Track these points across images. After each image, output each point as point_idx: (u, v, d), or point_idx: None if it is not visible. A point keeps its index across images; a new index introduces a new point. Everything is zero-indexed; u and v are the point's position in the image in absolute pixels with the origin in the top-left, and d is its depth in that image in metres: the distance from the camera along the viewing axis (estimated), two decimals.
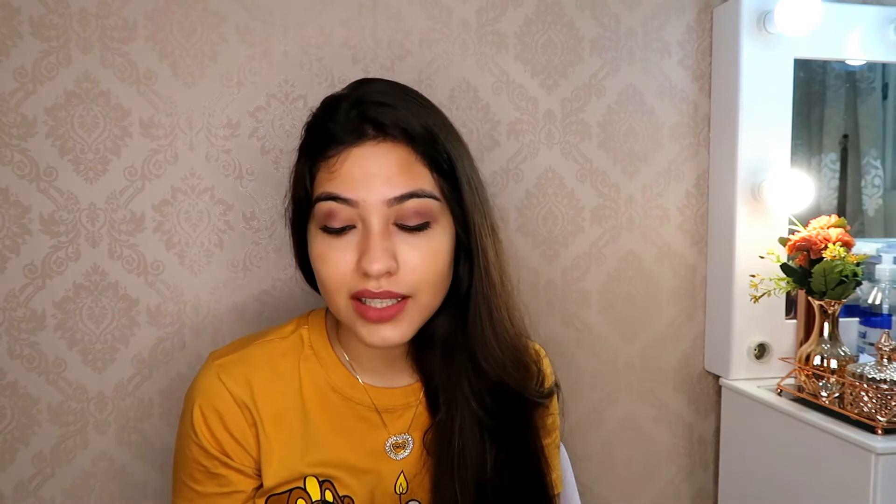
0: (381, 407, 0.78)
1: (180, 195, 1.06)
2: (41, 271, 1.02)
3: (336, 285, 0.70)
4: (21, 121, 1.00)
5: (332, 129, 0.71)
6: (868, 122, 1.37)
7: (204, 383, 0.75)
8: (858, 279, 1.04)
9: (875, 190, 1.37)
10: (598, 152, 1.21)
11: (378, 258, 0.67)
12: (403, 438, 0.78)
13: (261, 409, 0.74)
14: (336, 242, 0.69)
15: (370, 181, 0.68)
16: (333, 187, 0.69)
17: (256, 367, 0.76)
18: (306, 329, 0.80)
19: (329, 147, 0.70)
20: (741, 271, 1.17)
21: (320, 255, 0.71)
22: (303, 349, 0.79)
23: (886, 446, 0.91)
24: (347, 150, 0.69)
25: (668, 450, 1.28)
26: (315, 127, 0.74)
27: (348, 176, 0.68)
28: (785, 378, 1.13)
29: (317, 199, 0.71)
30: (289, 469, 0.74)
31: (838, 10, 1.18)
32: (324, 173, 0.71)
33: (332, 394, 0.77)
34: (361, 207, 0.68)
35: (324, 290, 0.72)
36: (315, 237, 0.72)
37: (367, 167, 0.68)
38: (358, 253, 0.68)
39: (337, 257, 0.69)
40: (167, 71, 1.04)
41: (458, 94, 1.14)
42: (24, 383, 1.03)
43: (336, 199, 0.68)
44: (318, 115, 0.75)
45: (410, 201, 0.69)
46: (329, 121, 0.72)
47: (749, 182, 1.17)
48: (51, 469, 1.04)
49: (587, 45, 1.19)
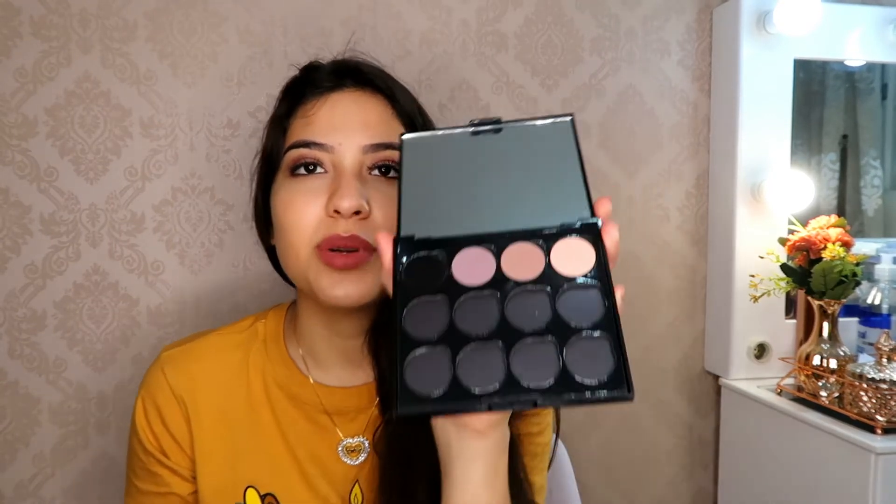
0: (332, 408, 0.70)
1: (180, 195, 1.06)
2: (42, 271, 1.02)
3: (300, 234, 0.64)
4: (21, 121, 1.00)
5: (312, 78, 0.69)
6: (867, 122, 1.37)
7: (148, 376, 0.72)
8: (858, 279, 1.04)
9: (874, 190, 1.37)
10: (598, 152, 1.21)
11: (350, 195, 0.62)
12: (358, 441, 0.70)
13: (200, 405, 0.69)
14: (303, 186, 0.65)
15: (347, 126, 0.65)
16: (307, 133, 0.65)
17: (202, 360, 0.71)
18: (263, 323, 0.75)
19: (306, 94, 0.68)
20: (741, 271, 1.18)
21: (285, 203, 0.65)
22: (255, 342, 0.73)
23: (886, 446, 0.92)
24: (326, 95, 0.67)
25: (668, 450, 1.28)
26: (293, 84, 0.72)
27: (324, 121, 0.65)
28: (785, 378, 1.14)
29: (289, 147, 0.66)
30: (227, 474, 0.68)
31: (838, 10, 1.18)
32: (299, 121, 0.67)
33: (279, 392, 0.71)
34: (336, 153, 0.64)
35: (285, 245, 0.66)
36: (281, 187, 0.67)
37: (344, 112, 0.66)
38: (327, 196, 0.64)
39: (303, 201, 0.64)
40: (167, 71, 1.04)
41: (458, 94, 1.14)
42: (24, 383, 1.03)
43: (309, 144, 0.65)
44: (298, 75, 0.73)
45: (386, 151, 0.65)
46: (309, 73, 0.70)
47: (749, 182, 1.17)
48: (51, 469, 1.04)
49: (587, 45, 1.19)
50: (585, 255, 0.44)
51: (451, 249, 0.45)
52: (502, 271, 0.44)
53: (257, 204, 0.73)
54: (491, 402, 0.39)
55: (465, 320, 0.43)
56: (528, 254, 0.44)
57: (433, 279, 0.44)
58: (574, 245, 0.44)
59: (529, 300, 0.42)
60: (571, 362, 0.39)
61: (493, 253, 0.44)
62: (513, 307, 0.42)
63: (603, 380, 0.39)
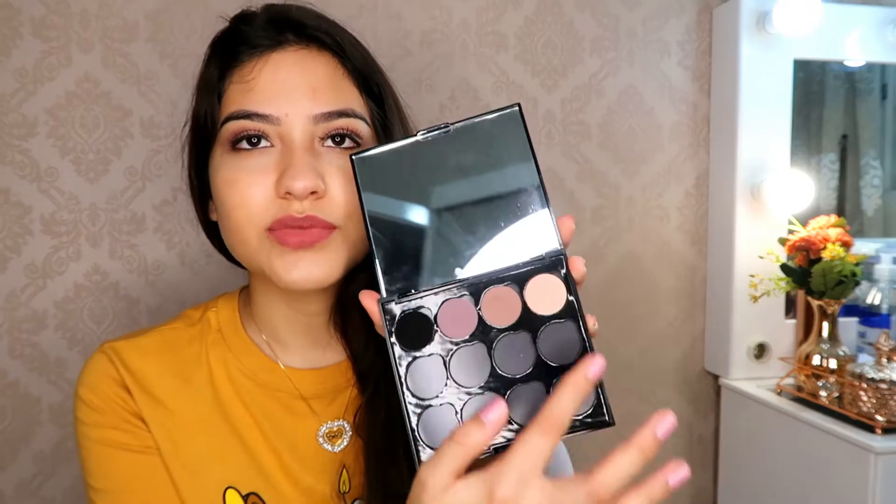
0: (308, 393, 0.65)
1: (181, 195, 1.06)
2: (42, 271, 1.02)
3: (247, 216, 0.57)
4: (22, 121, 1.00)
5: (246, 33, 0.60)
6: (867, 122, 1.37)
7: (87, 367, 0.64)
8: (857, 279, 1.04)
9: (874, 190, 1.37)
10: (598, 152, 1.21)
11: (303, 174, 0.55)
12: (338, 425, 0.65)
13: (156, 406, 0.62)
14: (248, 163, 0.57)
15: (292, 93, 0.57)
16: (248, 102, 0.57)
17: (153, 355, 0.64)
18: (214, 312, 0.68)
19: (241, 54, 0.59)
20: (741, 271, 1.18)
21: (228, 181, 0.58)
22: (210, 334, 0.66)
23: (885, 446, 0.92)
24: (265, 56, 0.59)
25: (668, 450, 1.28)
26: (223, 37, 0.63)
27: (266, 88, 0.57)
28: (784, 378, 1.14)
29: (226, 118, 0.58)
30: (201, 479, 0.62)
31: (838, 10, 1.18)
32: (236, 87, 0.59)
33: (247, 382, 0.64)
34: (283, 124, 0.57)
35: (231, 228, 0.59)
36: (221, 163, 0.59)
37: (288, 77, 0.58)
38: (276, 174, 0.56)
39: (249, 180, 0.57)
40: (168, 71, 1.04)
41: (458, 95, 1.15)
42: (25, 383, 1.03)
43: (251, 116, 0.57)
44: (228, 27, 0.64)
45: (340, 120, 0.58)
46: (241, 25, 0.61)
47: (749, 182, 1.17)
48: (52, 468, 1.04)
49: (587, 45, 1.19)
50: (557, 292, 0.44)
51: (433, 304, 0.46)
52: (484, 320, 0.45)
53: (191, 177, 0.65)
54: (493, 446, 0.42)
55: (461, 374, 0.44)
56: (504, 298, 0.45)
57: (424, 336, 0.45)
58: (545, 282, 0.45)
59: (514, 344, 0.44)
60: None
61: (472, 302, 0.45)
62: (499, 355, 0.44)
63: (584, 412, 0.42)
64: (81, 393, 0.63)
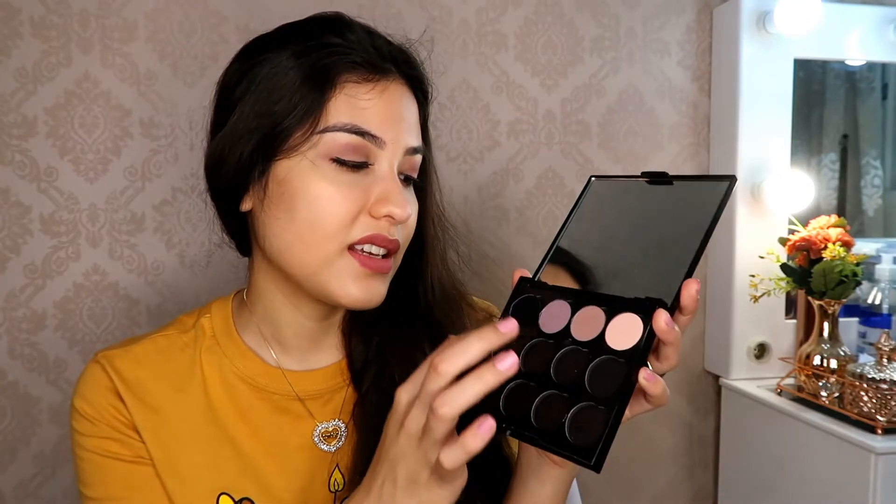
0: (304, 393, 0.66)
1: (181, 195, 1.06)
2: (41, 271, 1.02)
3: (335, 229, 0.59)
4: (21, 121, 1.00)
5: (355, 48, 0.61)
6: (867, 122, 1.37)
7: (82, 378, 0.65)
8: (858, 279, 1.04)
9: (874, 190, 1.37)
10: (598, 152, 1.21)
11: (404, 203, 0.60)
12: (334, 425, 0.66)
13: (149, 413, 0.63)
14: (349, 178, 0.59)
15: (401, 124, 0.61)
16: (364, 121, 0.59)
17: (147, 364, 0.65)
18: (208, 318, 0.68)
19: (355, 70, 0.60)
20: (741, 271, 1.18)
21: (322, 193, 0.59)
22: (204, 340, 0.67)
23: (886, 446, 0.92)
24: (381, 83, 0.61)
25: (668, 450, 1.28)
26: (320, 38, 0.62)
27: (382, 114, 0.60)
28: (785, 378, 1.14)
29: (333, 128, 0.59)
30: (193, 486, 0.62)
31: (838, 10, 1.18)
32: (349, 100, 0.59)
33: (242, 386, 0.65)
34: (387, 149, 0.61)
35: (311, 237, 0.59)
36: (314, 169, 0.59)
37: (398, 109, 0.62)
38: (372, 196, 0.60)
39: (345, 195, 0.59)
40: (168, 71, 1.04)
41: (458, 94, 1.14)
42: (24, 383, 1.03)
43: (364, 134, 0.59)
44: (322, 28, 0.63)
45: (418, 156, 0.64)
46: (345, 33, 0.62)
47: (749, 182, 1.17)
48: (51, 469, 1.04)
49: (587, 45, 1.19)
50: (633, 333, 0.47)
51: (547, 297, 0.52)
52: (569, 328, 0.49)
53: (240, 166, 0.61)
54: (510, 428, 0.46)
55: (528, 359, 0.49)
56: (593, 318, 0.49)
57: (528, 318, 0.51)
58: (629, 320, 0.48)
59: (575, 358, 0.48)
60: (570, 422, 0.45)
61: (571, 310, 0.50)
62: (560, 360, 0.48)
63: (581, 445, 0.44)
64: (76, 403, 0.64)
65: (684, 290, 0.48)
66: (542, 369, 0.48)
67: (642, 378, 0.46)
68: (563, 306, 0.51)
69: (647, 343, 0.46)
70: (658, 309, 0.46)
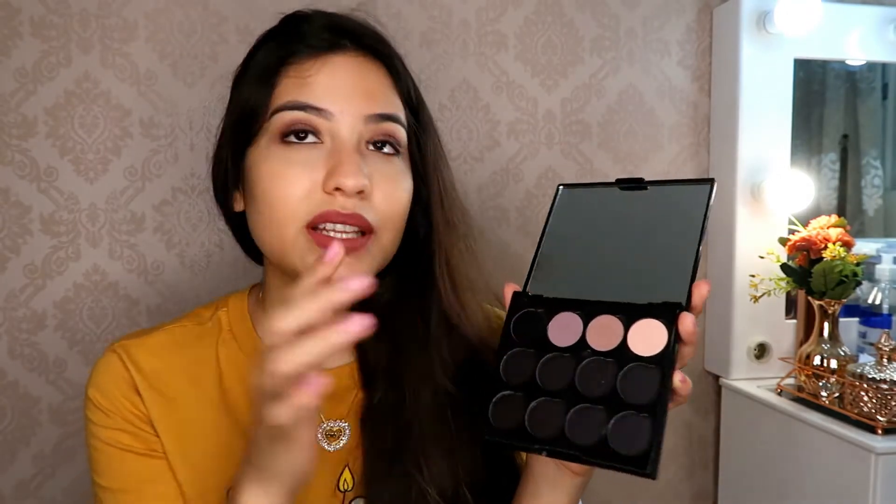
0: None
1: (181, 195, 1.06)
2: (41, 271, 1.02)
3: (291, 209, 0.58)
4: (21, 121, 1.00)
5: (305, 32, 0.62)
6: (868, 122, 1.37)
7: (98, 368, 0.65)
8: (858, 279, 1.04)
9: (875, 190, 1.37)
10: (598, 152, 1.21)
11: (354, 171, 0.57)
12: (339, 426, 0.66)
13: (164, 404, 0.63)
14: (296, 156, 0.59)
15: (350, 92, 0.60)
16: (303, 95, 0.59)
17: (163, 354, 0.65)
18: (225, 311, 0.69)
19: (299, 51, 0.61)
20: (741, 271, 1.17)
21: (273, 173, 0.59)
22: (221, 333, 0.67)
23: (886, 446, 0.92)
24: (323, 56, 0.61)
25: (668, 449, 1.28)
26: (279, 32, 0.65)
27: (323, 84, 0.59)
28: (785, 378, 1.14)
29: (278, 108, 0.59)
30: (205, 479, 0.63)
31: (838, 10, 1.18)
32: (291, 80, 0.60)
33: None
34: (336, 120, 0.59)
35: (268, 220, 0.59)
36: (267, 154, 0.60)
37: (346, 77, 0.60)
38: (324, 170, 0.58)
39: (296, 173, 0.58)
40: (167, 71, 1.04)
41: (458, 94, 1.14)
42: (24, 383, 1.03)
43: (306, 108, 0.58)
44: (283, 25, 0.66)
45: (387, 123, 0.61)
46: (300, 23, 0.64)
47: (749, 182, 1.17)
48: (51, 469, 1.04)
49: (587, 45, 1.19)
50: (658, 338, 0.47)
51: (552, 311, 0.51)
52: (585, 339, 0.49)
53: (224, 166, 0.65)
54: (545, 448, 0.46)
55: (545, 376, 0.48)
56: (610, 326, 0.48)
57: (533, 333, 0.50)
58: (651, 326, 0.47)
59: (599, 369, 0.47)
60: (612, 433, 0.44)
61: (582, 321, 0.49)
62: (583, 373, 0.47)
63: (632, 455, 0.43)
64: (90, 393, 0.64)
65: (696, 291, 0.48)
66: (564, 384, 0.47)
67: (677, 381, 0.46)
68: (573, 318, 0.50)
69: (675, 346, 0.46)
70: (682, 312, 0.46)
